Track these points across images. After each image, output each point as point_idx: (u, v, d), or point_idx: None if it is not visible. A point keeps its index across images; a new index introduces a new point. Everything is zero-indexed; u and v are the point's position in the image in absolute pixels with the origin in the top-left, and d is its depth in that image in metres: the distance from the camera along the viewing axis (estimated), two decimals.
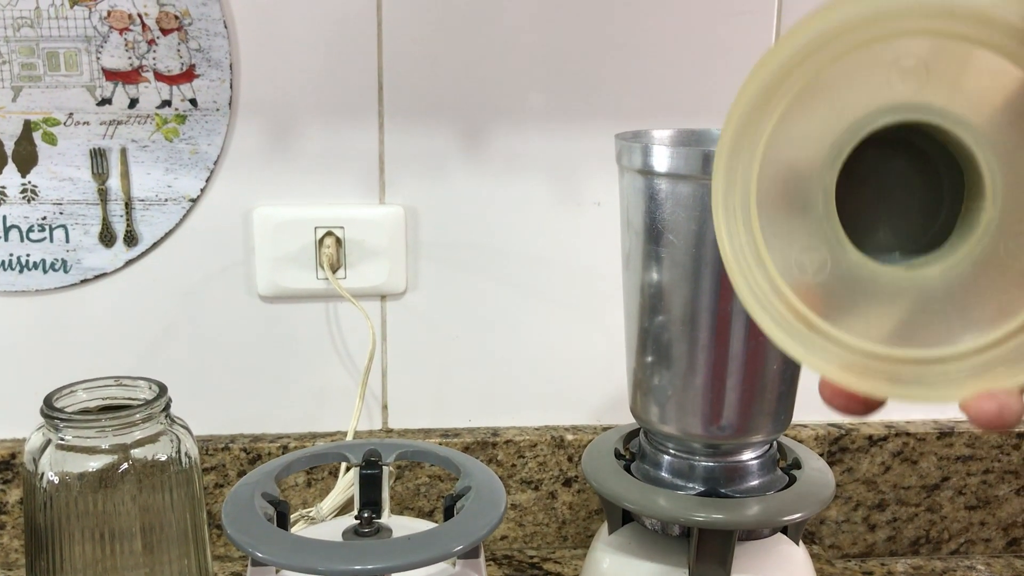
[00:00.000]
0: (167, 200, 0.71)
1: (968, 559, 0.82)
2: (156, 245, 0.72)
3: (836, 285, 0.36)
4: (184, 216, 0.71)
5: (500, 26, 0.71)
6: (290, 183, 0.72)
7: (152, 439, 0.57)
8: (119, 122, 0.69)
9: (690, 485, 0.58)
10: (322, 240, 0.72)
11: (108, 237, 0.71)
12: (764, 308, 0.36)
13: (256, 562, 0.50)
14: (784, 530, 0.59)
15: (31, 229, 0.70)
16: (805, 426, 0.79)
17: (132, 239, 0.71)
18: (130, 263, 0.72)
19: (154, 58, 0.68)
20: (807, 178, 0.35)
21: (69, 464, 0.55)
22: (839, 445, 0.79)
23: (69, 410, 0.57)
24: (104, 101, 0.69)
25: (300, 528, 0.65)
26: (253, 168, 0.71)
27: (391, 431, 0.78)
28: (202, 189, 0.71)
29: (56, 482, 0.55)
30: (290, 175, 0.72)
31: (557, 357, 0.78)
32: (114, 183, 0.70)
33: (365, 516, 0.56)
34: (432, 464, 0.70)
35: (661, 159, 0.53)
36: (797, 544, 0.60)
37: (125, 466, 0.56)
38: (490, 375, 0.78)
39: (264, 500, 0.54)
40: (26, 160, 0.69)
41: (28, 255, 0.71)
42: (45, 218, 0.70)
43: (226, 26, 0.68)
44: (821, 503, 0.57)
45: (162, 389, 0.58)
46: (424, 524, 0.57)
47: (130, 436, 0.56)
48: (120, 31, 0.67)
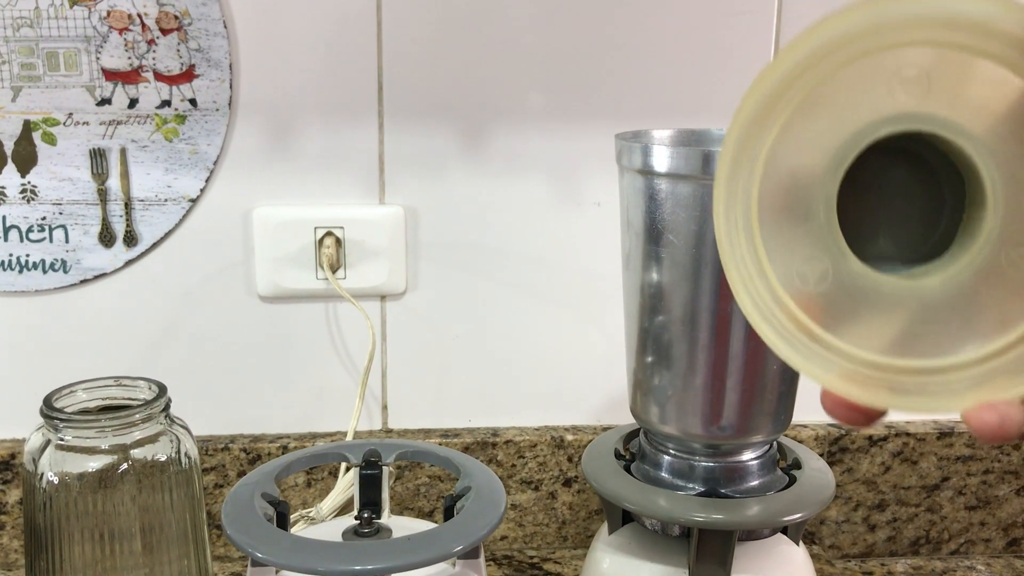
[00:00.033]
0: (167, 200, 0.71)
1: (968, 559, 0.82)
2: (156, 245, 0.72)
3: (837, 295, 0.36)
4: (184, 216, 0.71)
5: (500, 26, 0.71)
6: (290, 183, 0.72)
7: (152, 439, 0.57)
8: (119, 122, 0.69)
9: (690, 485, 0.58)
10: (322, 240, 0.72)
11: (108, 237, 0.71)
12: (766, 318, 0.36)
13: (256, 562, 0.50)
14: (784, 530, 0.59)
15: (31, 229, 0.70)
16: (805, 426, 0.79)
17: (132, 239, 0.71)
18: (130, 263, 0.72)
19: (154, 58, 0.68)
20: (809, 188, 0.35)
21: (69, 464, 0.55)
22: (839, 445, 0.79)
23: (69, 410, 0.56)
24: (104, 101, 0.68)
25: (300, 528, 0.65)
26: (253, 168, 0.71)
27: (391, 431, 0.78)
28: (202, 189, 0.71)
29: (56, 482, 0.55)
30: (290, 175, 0.72)
31: (557, 357, 0.78)
32: (114, 183, 0.70)
33: (365, 516, 0.56)
34: (432, 464, 0.70)
35: (661, 159, 0.53)
36: (797, 544, 0.60)
37: (125, 466, 0.56)
38: (490, 375, 0.78)
39: (264, 500, 0.54)
40: (26, 160, 0.69)
41: (28, 255, 0.71)
42: (45, 218, 0.70)
43: (226, 26, 0.68)
44: (821, 503, 0.57)
45: (162, 389, 0.58)
46: (424, 524, 0.57)
47: (130, 436, 0.56)
48: (120, 31, 0.67)
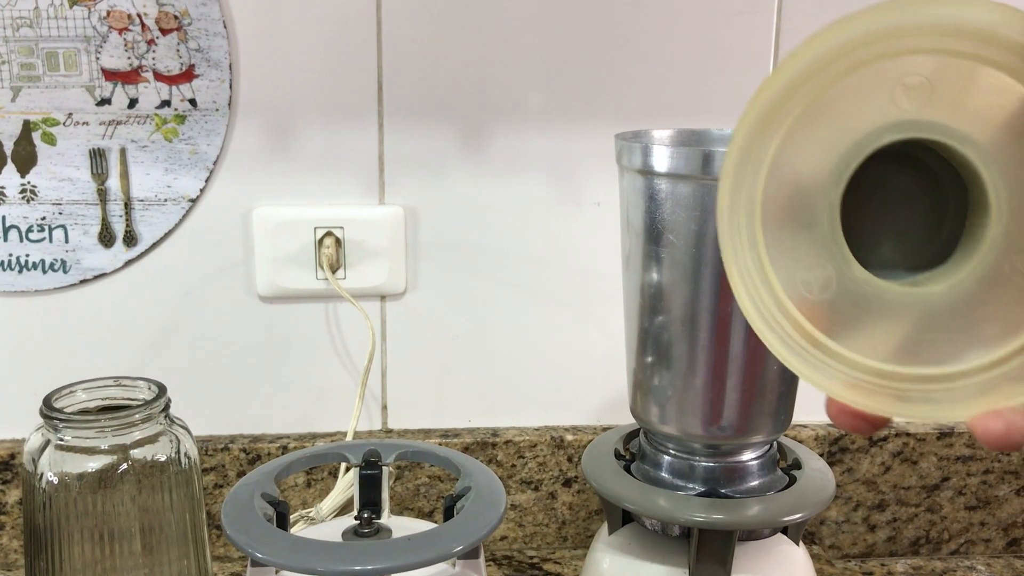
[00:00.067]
0: (166, 200, 0.71)
1: (968, 559, 0.82)
2: (155, 245, 0.72)
3: (841, 302, 0.36)
4: (183, 216, 0.71)
5: (500, 26, 0.71)
6: (290, 183, 0.72)
7: (151, 439, 0.57)
8: (118, 122, 0.69)
9: (690, 485, 0.58)
10: (322, 240, 0.72)
11: (107, 237, 0.71)
12: (770, 326, 0.36)
13: (255, 563, 0.50)
14: (784, 530, 0.59)
15: (30, 229, 0.70)
16: (805, 426, 0.79)
17: (131, 239, 0.71)
18: (129, 263, 0.72)
19: (153, 58, 0.68)
20: (812, 196, 0.35)
21: (68, 464, 0.55)
22: (839, 445, 0.78)
23: (68, 410, 0.56)
24: (103, 101, 0.68)
25: (300, 529, 0.65)
26: (253, 168, 0.71)
27: (391, 431, 0.78)
28: (201, 189, 0.71)
29: (55, 482, 0.55)
30: (290, 175, 0.72)
31: (557, 357, 0.78)
32: (113, 183, 0.70)
33: (365, 516, 0.56)
34: (432, 464, 0.70)
35: (661, 159, 0.53)
36: (797, 544, 0.60)
37: (124, 466, 0.56)
38: (490, 375, 0.78)
39: (264, 500, 0.54)
40: (25, 160, 0.69)
41: (27, 255, 0.71)
42: (44, 218, 0.70)
43: (225, 26, 0.68)
44: (821, 503, 0.57)
45: (161, 389, 0.58)
46: (424, 524, 0.56)
47: (129, 436, 0.56)
48: (119, 31, 0.67)
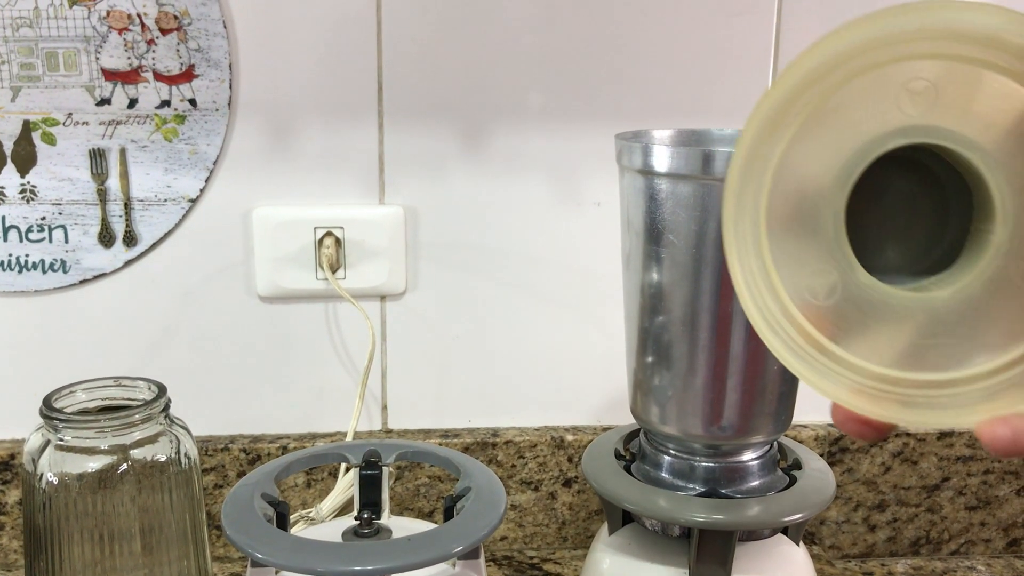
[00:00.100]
0: (166, 200, 0.71)
1: (968, 559, 0.82)
2: (155, 245, 0.72)
3: (846, 308, 0.36)
4: (183, 216, 0.71)
5: (500, 26, 0.71)
6: (289, 183, 0.72)
7: (151, 440, 0.57)
8: (118, 122, 0.69)
9: (690, 486, 0.58)
10: (321, 240, 0.72)
11: (107, 237, 0.71)
12: (775, 332, 0.35)
13: (255, 563, 0.50)
14: (785, 531, 0.59)
15: (30, 229, 0.70)
16: (805, 426, 0.79)
17: (131, 239, 0.71)
18: (129, 263, 0.72)
19: (153, 58, 0.68)
20: (817, 202, 0.35)
21: (68, 465, 0.55)
22: (839, 445, 0.78)
23: (68, 411, 0.56)
24: (103, 101, 0.68)
25: (300, 529, 0.65)
26: (252, 168, 0.71)
27: (391, 431, 0.78)
28: (201, 189, 0.71)
29: (55, 483, 0.55)
30: (290, 175, 0.72)
31: (557, 357, 0.78)
32: (113, 183, 0.70)
33: (365, 517, 0.56)
34: (432, 465, 0.70)
35: (661, 159, 0.53)
36: (797, 545, 0.60)
37: (124, 467, 0.56)
38: (490, 375, 0.78)
39: (264, 501, 0.54)
40: (25, 160, 0.69)
41: (27, 255, 0.70)
42: (44, 218, 0.70)
43: (225, 26, 0.68)
44: (822, 504, 0.57)
45: (161, 389, 0.58)
46: (424, 525, 0.56)
47: (129, 437, 0.56)
48: (119, 31, 0.67)
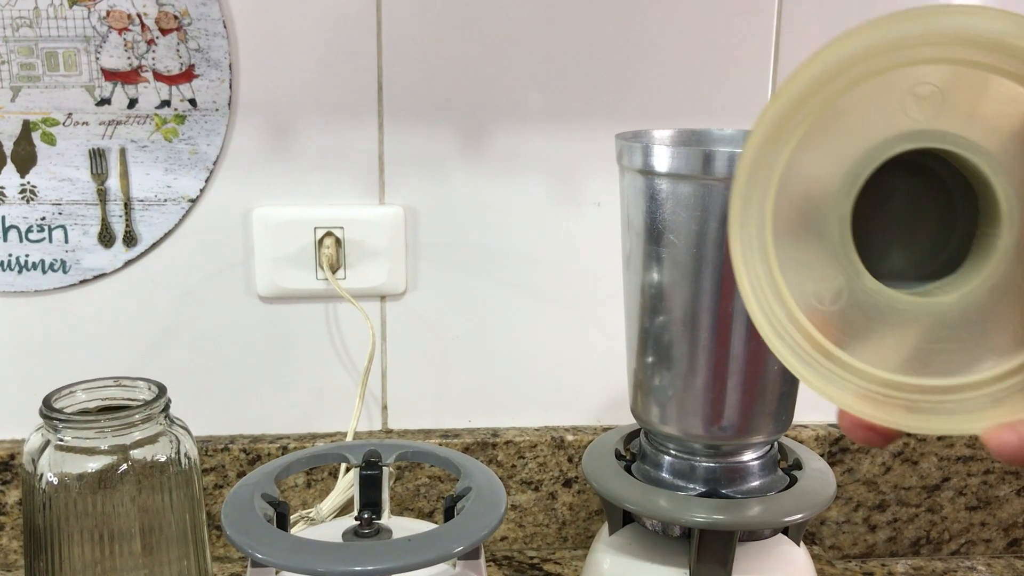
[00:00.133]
0: (166, 200, 0.71)
1: (969, 560, 0.82)
2: (155, 245, 0.72)
3: (852, 313, 0.35)
4: (183, 216, 0.71)
5: (500, 26, 0.71)
6: (289, 183, 0.72)
7: (151, 440, 0.57)
8: (118, 122, 0.69)
9: (691, 486, 0.58)
10: (322, 240, 0.72)
11: (107, 237, 0.71)
12: (781, 338, 0.35)
13: (256, 563, 0.50)
14: (785, 531, 0.59)
15: (30, 229, 0.70)
16: (806, 426, 0.79)
17: (131, 239, 0.71)
18: (129, 263, 0.72)
19: (153, 58, 0.68)
20: (823, 206, 0.35)
21: (68, 465, 0.55)
22: (840, 446, 0.78)
23: (68, 411, 0.56)
24: (103, 101, 0.68)
25: (300, 529, 0.65)
26: (252, 168, 0.71)
27: (391, 432, 0.78)
28: (201, 189, 0.71)
29: (55, 483, 0.55)
30: (290, 175, 0.72)
31: (557, 357, 0.78)
32: (113, 183, 0.70)
33: (365, 517, 0.56)
34: (432, 465, 0.70)
35: (662, 159, 0.53)
36: (798, 545, 0.60)
37: (124, 467, 0.56)
38: (490, 375, 0.77)
39: (264, 501, 0.54)
40: (25, 160, 0.69)
41: (27, 255, 0.70)
42: (44, 218, 0.70)
43: (225, 26, 0.68)
44: (822, 504, 0.57)
45: (161, 390, 0.58)
46: (424, 525, 0.56)
47: (129, 437, 0.56)
48: (119, 31, 0.67)
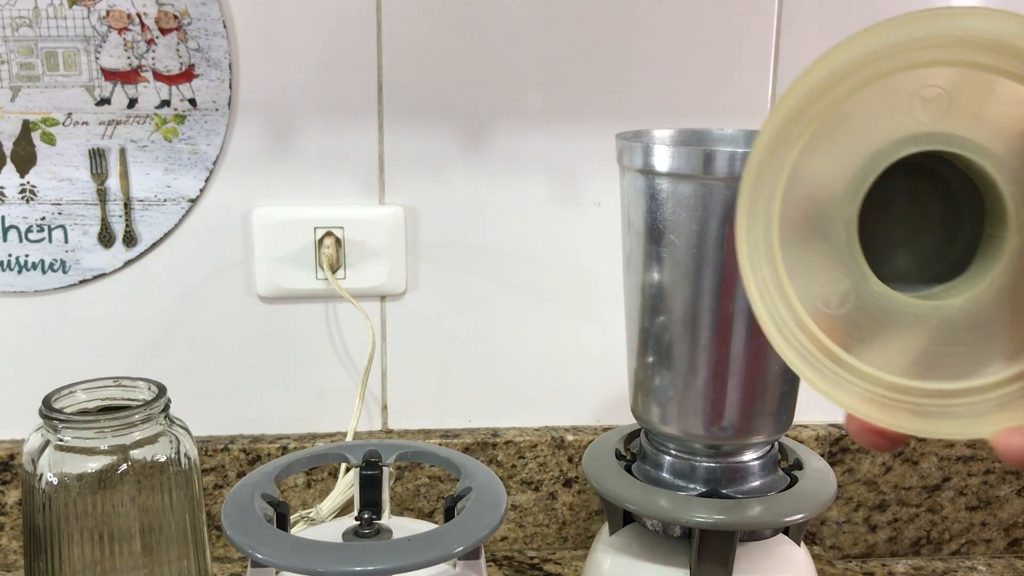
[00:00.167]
0: (166, 200, 0.71)
1: (969, 560, 0.82)
2: (155, 245, 0.72)
3: (859, 316, 0.35)
4: (183, 216, 0.71)
5: (500, 26, 0.71)
6: (290, 183, 0.72)
7: (151, 440, 0.57)
8: (118, 122, 0.69)
9: (691, 486, 0.58)
10: (321, 240, 0.72)
11: (107, 237, 0.71)
12: (788, 342, 0.35)
13: (256, 563, 0.50)
14: (786, 531, 0.59)
15: (30, 229, 0.70)
16: (806, 426, 0.79)
17: (131, 239, 0.71)
18: (129, 263, 0.72)
19: (153, 58, 0.68)
20: (829, 210, 0.35)
21: (68, 465, 0.55)
22: (840, 446, 0.78)
23: (68, 411, 0.56)
24: (103, 101, 0.68)
25: (300, 529, 0.65)
26: (252, 168, 0.71)
27: (391, 432, 0.78)
28: (201, 189, 0.71)
29: (55, 483, 0.55)
30: (290, 175, 0.72)
31: (557, 357, 0.77)
32: (113, 183, 0.70)
33: (365, 517, 0.56)
34: (432, 465, 0.70)
35: (662, 158, 0.53)
36: (799, 545, 0.60)
37: (124, 467, 0.56)
38: (490, 375, 0.77)
39: (264, 501, 0.54)
40: (25, 160, 0.69)
41: (27, 255, 0.70)
42: (44, 218, 0.70)
43: (225, 26, 0.68)
44: (823, 504, 0.57)
45: (161, 390, 0.58)
46: (424, 525, 0.56)
47: (129, 437, 0.56)
48: (119, 31, 0.67)
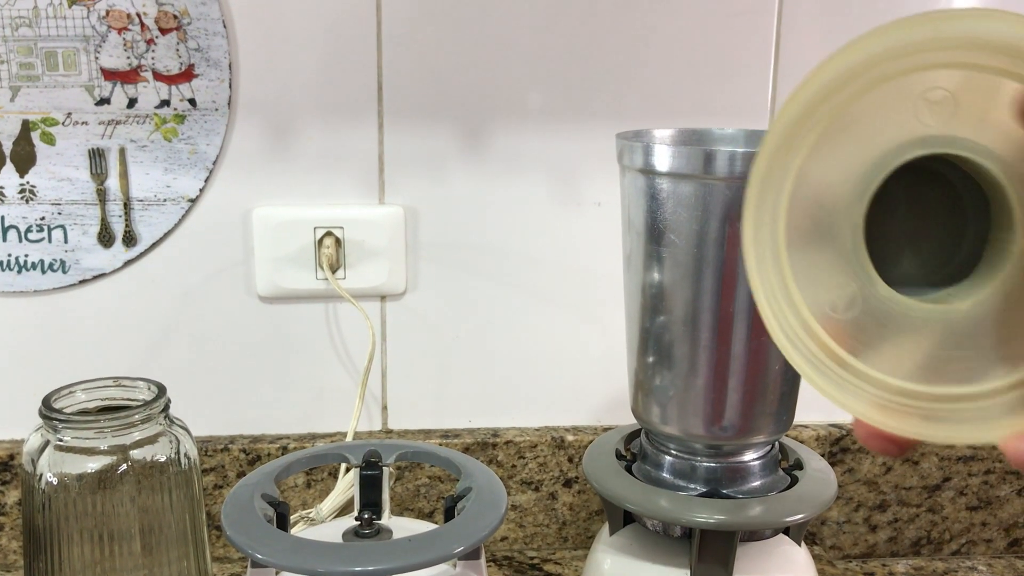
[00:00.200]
0: (166, 200, 0.71)
1: (969, 560, 0.82)
2: (155, 245, 0.72)
3: (866, 321, 0.35)
4: (183, 216, 0.71)
5: (500, 26, 0.71)
6: (289, 183, 0.72)
7: (151, 440, 0.57)
8: (118, 122, 0.69)
9: (692, 486, 0.58)
10: (321, 240, 0.72)
11: (107, 237, 0.71)
12: (797, 348, 0.35)
13: (256, 563, 0.50)
14: (786, 531, 0.59)
15: (29, 229, 0.70)
16: (806, 426, 0.79)
17: (131, 239, 0.71)
18: (129, 263, 0.72)
19: (153, 58, 0.68)
20: (835, 214, 0.35)
21: (68, 465, 0.55)
22: (840, 446, 0.78)
23: (68, 411, 0.56)
24: (103, 101, 0.68)
25: (300, 529, 0.65)
26: (252, 168, 0.71)
27: (391, 432, 0.77)
28: (201, 189, 0.71)
29: (55, 483, 0.55)
30: (289, 175, 0.72)
31: (557, 357, 0.77)
32: (113, 183, 0.70)
33: (365, 517, 0.55)
34: (432, 465, 0.70)
35: (663, 158, 0.53)
36: (799, 545, 0.60)
37: (124, 467, 0.56)
38: (490, 375, 0.77)
39: (264, 501, 0.54)
40: (24, 160, 0.69)
41: (27, 255, 0.70)
42: (44, 218, 0.70)
43: (225, 26, 0.68)
44: (823, 504, 0.57)
45: (161, 390, 0.58)
46: (425, 525, 0.56)
47: (129, 437, 0.56)
48: (119, 31, 0.67)
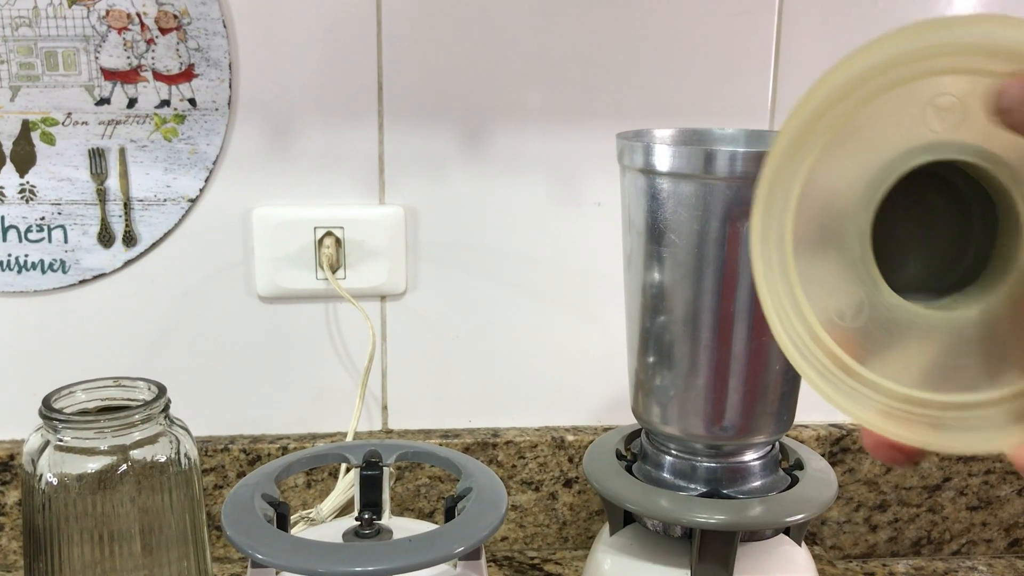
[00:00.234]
0: (166, 200, 0.71)
1: (970, 560, 0.82)
2: (155, 245, 0.72)
3: (872, 328, 0.35)
4: (183, 216, 0.71)
5: (500, 26, 0.71)
6: (289, 183, 0.72)
7: (151, 440, 0.57)
8: (118, 122, 0.69)
9: (692, 486, 0.58)
10: (321, 240, 0.72)
11: (107, 237, 0.71)
12: (804, 356, 0.35)
13: (256, 564, 0.50)
14: (787, 531, 0.59)
15: (29, 229, 0.70)
16: (807, 426, 0.79)
17: (131, 239, 0.71)
18: (129, 263, 0.72)
19: (153, 58, 0.68)
20: (842, 221, 0.35)
21: (68, 465, 0.55)
22: (840, 446, 0.78)
23: (68, 411, 0.56)
24: (103, 101, 0.68)
25: (300, 529, 0.65)
26: (252, 168, 0.71)
27: (391, 432, 0.77)
28: (201, 189, 0.71)
29: (55, 483, 0.55)
30: (289, 175, 0.72)
31: (557, 357, 0.77)
32: (113, 183, 0.70)
33: (366, 517, 0.55)
34: (432, 465, 0.70)
35: (663, 158, 0.53)
36: (799, 545, 0.60)
37: (124, 467, 0.56)
38: (490, 375, 0.77)
39: (264, 501, 0.54)
40: (24, 160, 0.69)
41: (26, 255, 0.70)
42: (43, 218, 0.70)
43: (225, 25, 0.68)
44: (823, 504, 0.57)
45: (161, 390, 0.58)
46: (425, 525, 0.56)
47: (129, 437, 0.56)
48: (119, 30, 0.67)
